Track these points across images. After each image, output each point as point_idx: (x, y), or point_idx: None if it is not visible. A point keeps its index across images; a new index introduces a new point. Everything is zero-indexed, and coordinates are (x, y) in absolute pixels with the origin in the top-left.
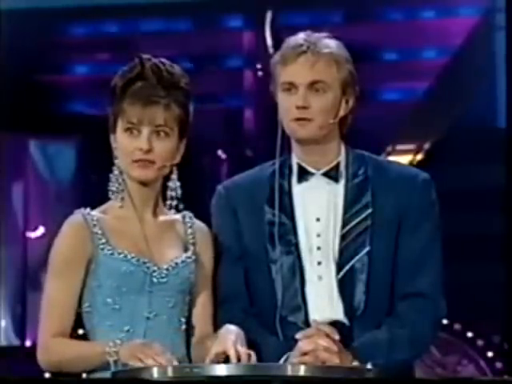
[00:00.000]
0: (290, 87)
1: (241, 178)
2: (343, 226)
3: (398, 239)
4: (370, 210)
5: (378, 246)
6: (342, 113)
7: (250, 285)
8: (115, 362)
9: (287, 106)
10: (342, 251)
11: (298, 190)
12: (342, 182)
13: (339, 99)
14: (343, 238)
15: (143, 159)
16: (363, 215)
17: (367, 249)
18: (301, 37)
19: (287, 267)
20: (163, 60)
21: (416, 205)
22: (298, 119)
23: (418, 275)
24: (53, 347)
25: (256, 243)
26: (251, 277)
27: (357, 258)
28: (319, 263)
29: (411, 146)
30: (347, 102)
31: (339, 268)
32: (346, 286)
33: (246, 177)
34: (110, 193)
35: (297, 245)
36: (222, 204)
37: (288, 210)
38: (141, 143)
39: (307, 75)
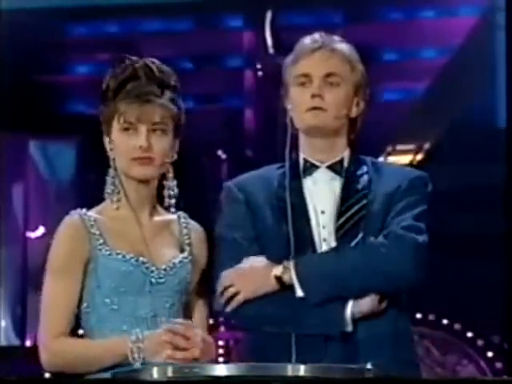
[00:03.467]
0: (305, 80)
1: (248, 176)
2: (340, 217)
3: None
4: (364, 201)
5: (371, 232)
6: (353, 114)
7: None
8: (140, 358)
9: (301, 97)
10: (339, 241)
11: (306, 184)
12: (344, 175)
13: (351, 98)
14: (340, 228)
15: (142, 157)
16: (358, 206)
17: (360, 235)
18: (315, 36)
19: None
20: (153, 59)
21: (404, 188)
22: (313, 108)
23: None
24: (56, 348)
25: (271, 235)
26: None
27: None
28: None
29: (411, 146)
30: (358, 104)
31: None
32: None
33: (253, 175)
34: (106, 195)
35: (311, 237)
36: (233, 195)
37: (299, 203)
38: (139, 141)
39: (322, 67)
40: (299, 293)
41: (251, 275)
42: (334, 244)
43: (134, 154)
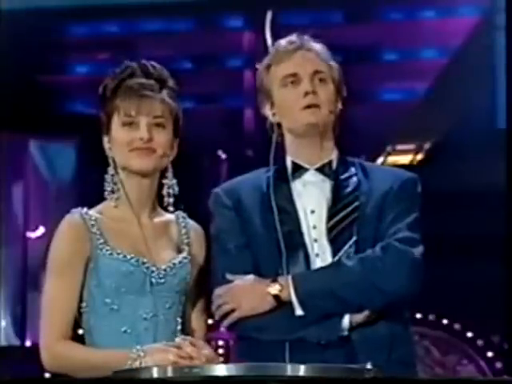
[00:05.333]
0: (293, 79)
1: (236, 181)
2: (332, 218)
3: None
4: (357, 203)
5: (365, 236)
6: (337, 111)
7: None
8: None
9: (293, 97)
10: (331, 242)
11: (295, 186)
12: (334, 178)
13: (336, 94)
14: (332, 229)
15: (144, 147)
16: (350, 208)
17: (354, 239)
18: (290, 38)
19: (294, 260)
20: (151, 62)
21: (396, 190)
22: (309, 106)
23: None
24: (60, 352)
25: (262, 237)
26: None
27: (344, 248)
28: (317, 255)
29: (411, 146)
30: (339, 100)
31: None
32: None
33: (241, 180)
34: (106, 193)
35: (302, 239)
36: (222, 201)
37: (289, 204)
38: (141, 133)
39: (309, 65)
40: (298, 312)
41: (247, 294)
42: (325, 244)
43: (134, 145)
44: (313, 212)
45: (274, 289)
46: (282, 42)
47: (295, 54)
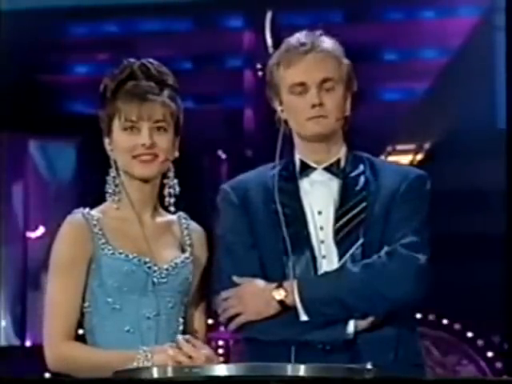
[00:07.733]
0: (301, 89)
1: (244, 177)
2: (339, 220)
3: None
4: (364, 204)
5: (371, 238)
6: (348, 111)
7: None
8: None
9: (300, 106)
10: (338, 244)
11: (302, 184)
12: (342, 177)
13: (345, 96)
14: (339, 231)
15: (146, 153)
16: (358, 209)
17: (361, 241)
18: (300, 37)
19: (300, 261)
20: (150, 60)
21: (403, 191)
22: (315, 117)
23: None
24: (65, 352)
25: (268, 237)
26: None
27: (351, 251)
28: (324, 257)
29: (411, 146)
30: (349, 98)
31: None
32: None
33: (248, 177)
34: (107, 195)
35: (309, 239)
36: (230, 198)
37: (296, 204)
38: (142, 139)
39: (317, 74)
40: (303, 317)
41: (253, 298)
42: (332, 245)
43: (136, 151)
44: (320, 213)
45: (279, 294)
46: (293, 40)
47: (305, 59)
